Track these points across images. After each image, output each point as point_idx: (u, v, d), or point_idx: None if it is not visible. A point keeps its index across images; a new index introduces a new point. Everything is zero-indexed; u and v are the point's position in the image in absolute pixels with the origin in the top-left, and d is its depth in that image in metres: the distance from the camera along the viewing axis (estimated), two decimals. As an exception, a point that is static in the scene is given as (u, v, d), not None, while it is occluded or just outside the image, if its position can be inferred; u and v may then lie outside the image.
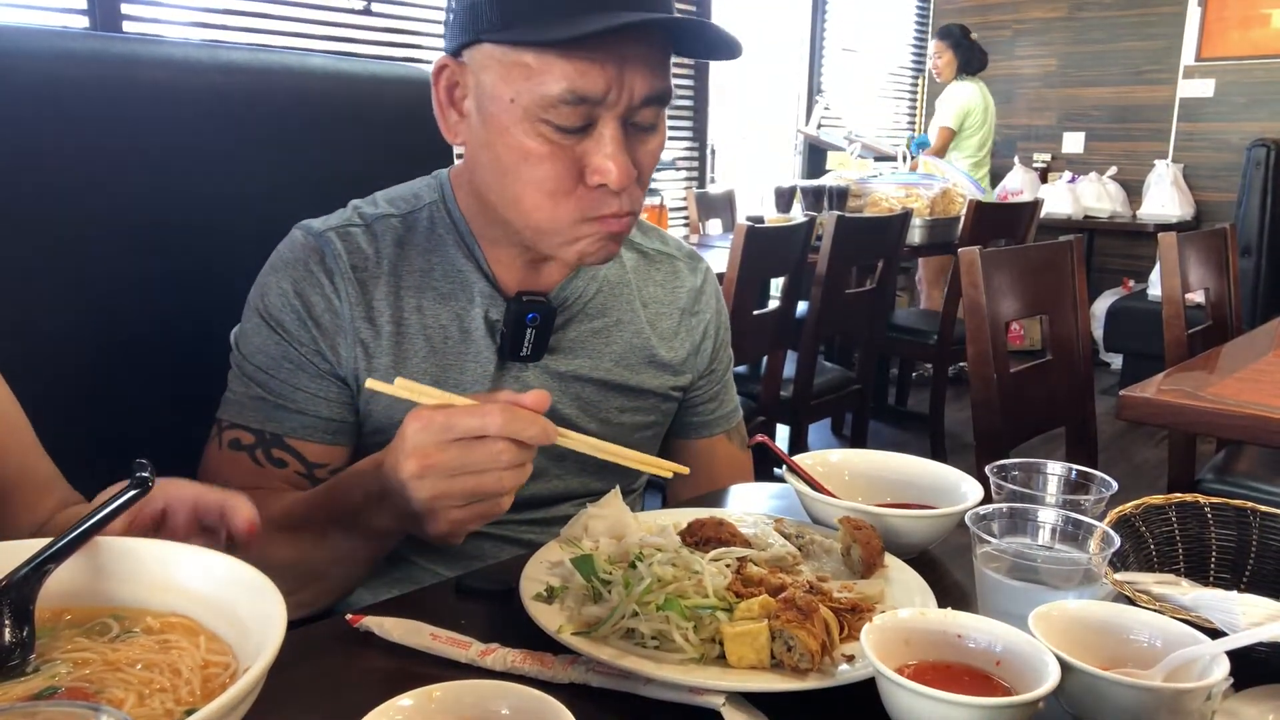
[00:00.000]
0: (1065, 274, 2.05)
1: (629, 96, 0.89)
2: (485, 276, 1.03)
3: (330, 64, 1.31)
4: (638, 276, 1.14)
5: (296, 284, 0.99)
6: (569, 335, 1.07)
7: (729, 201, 4.73)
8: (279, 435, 0.99)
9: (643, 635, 0.71)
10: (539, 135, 0.90)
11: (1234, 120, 5.54)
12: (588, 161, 0.91)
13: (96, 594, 0.65)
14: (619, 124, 0.90)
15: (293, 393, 0.99)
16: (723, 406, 1.22)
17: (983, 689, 0.63)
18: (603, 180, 0.90)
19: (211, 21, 3.26)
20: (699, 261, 1.21)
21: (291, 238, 1.03)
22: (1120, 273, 5.82)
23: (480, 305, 1.03)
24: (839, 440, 4.16)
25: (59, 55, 1.06)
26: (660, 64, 0.91)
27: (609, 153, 0.89)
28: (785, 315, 2.94)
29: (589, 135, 0.90)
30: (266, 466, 0.99)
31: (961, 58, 5.24)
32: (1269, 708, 0.65)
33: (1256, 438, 1.51)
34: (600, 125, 0.90)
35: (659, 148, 0.97)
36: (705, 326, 1.18)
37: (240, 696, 0.50)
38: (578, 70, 0.86)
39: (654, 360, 1.12)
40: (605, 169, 0.90)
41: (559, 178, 0.91)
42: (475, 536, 1.06)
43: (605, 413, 1.09)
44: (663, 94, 0.92)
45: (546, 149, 0.90)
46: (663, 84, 0.91)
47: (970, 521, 0.79)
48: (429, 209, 1.05)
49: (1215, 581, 0.89)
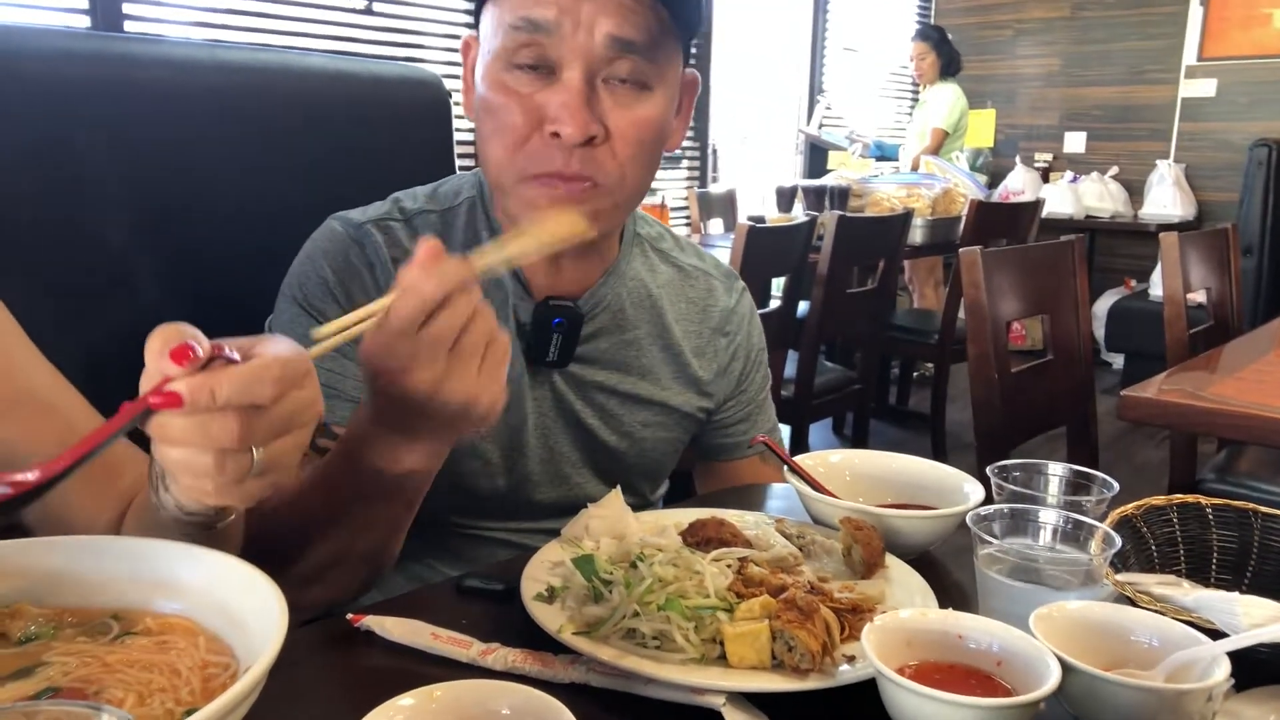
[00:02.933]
0: (1066, 274, 2.05)
1: (587, 34, 0.84)
2: (516, 277, 1.01)
3: (331, 64, 1.31)
4: (671, 291, 1.11)
5: (338, 273, 0.97)
6: (598, 345, 1.05)
7: (730, 201, 4.73)
8: (324, 423, 0.94)
9: (643, 635, 0.71)
10: (501, 84, 0.87)
11: (1236, 120, 5.53)
12: (546, 111, 0.86)
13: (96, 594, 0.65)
14: (584, 72, 0.85)
15: (336, 379, 0.96)
16: (755, 428, 1.18)
17: (984, 690, 0.62)
18: (555, 129, 0.85)
19: (212, 21, 3.26)
20: (735, 281, 1.18)
21: (329, 228, 1.00)
22: (1122, 272, 5.81)
23: (511, 305, 1.00)
24: (840, 440, 4.16)
25: (59, 55, 1.06)
26: (633, 6, 0.85)
27: (564, 100, 0.85)
28: (786, 315, 2.94)
29: (553, 83, 0.86)
30: (309, 454, 0.95)
31: (944, 59, 5.26)
32: (1270, 709, 0.65)
33: (1258, 438, 1.51)
34: (564, 71, 0.86)
35: (647, 120, 0.90)
36: (735, 349, 1.15)
37: (240, 697, 0.49)
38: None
39: (681, 377, 1.10)
40: (559, 117, 0.85)
41: (516, 127, 0.87)
42: (485, 542, 1.06)
43: (628, 425, 1.08)
44: (636, 41, 0.86)
45: (505, 97, 0.87)
46: (636, 29, 0.85)
47: (971, 522, 0.78)
48: (468, 204, 1.04)
49: (1217, 582, 0.89)
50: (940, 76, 5.31)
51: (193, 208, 1.15)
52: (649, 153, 0.92)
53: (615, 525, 0.87)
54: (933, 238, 3.87)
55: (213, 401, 0.56)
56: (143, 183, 1.11)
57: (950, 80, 5.31)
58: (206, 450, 0.57)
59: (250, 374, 0.57)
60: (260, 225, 1.11)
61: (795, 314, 3.00)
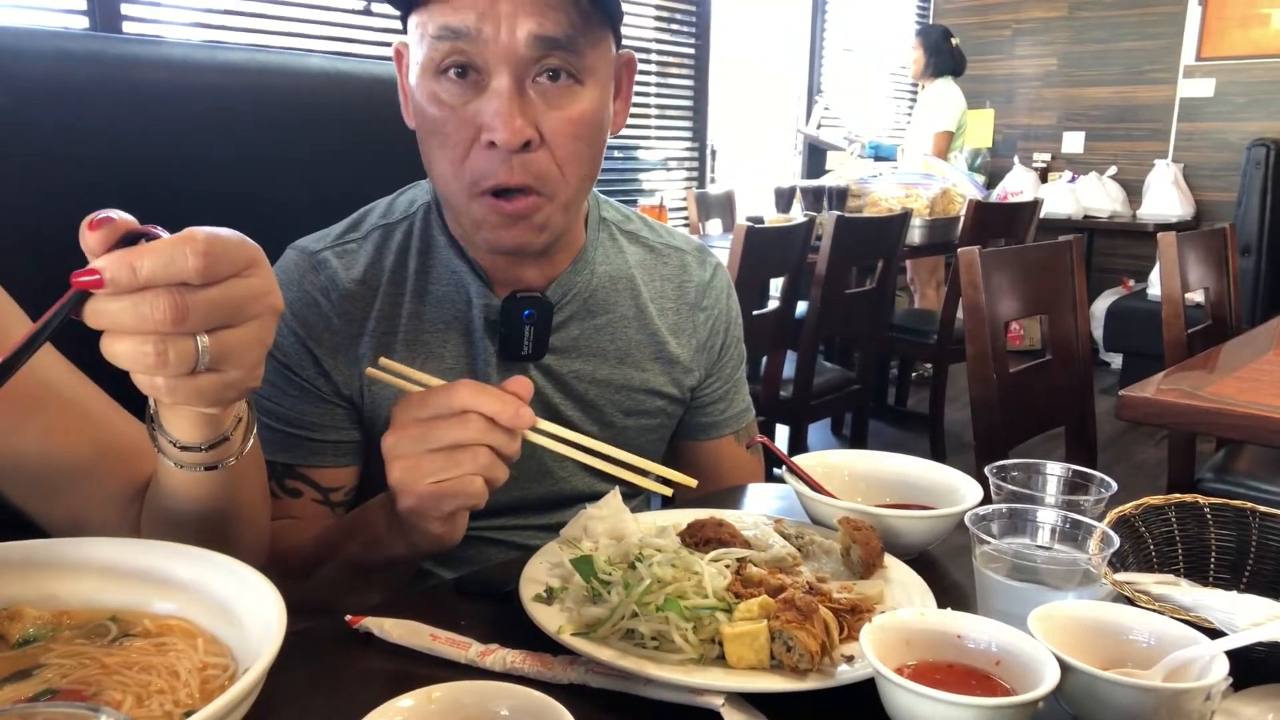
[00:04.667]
0: (1065, 274, 2.05)
1: (510, 35, 0.83)
2: (479, 276, 1.01)
3: (329, 64, 1.31)
4: (643, 271, 1.12)
5: (292, 306, 0.98)
6: (570, 333, 1.05)
7: (729, 202, 4.72)
8: (290, 465, 0.98)
9: (642, 636, 0.71)
10: (434, 96, 0.87)
11: (1234, 120, 5.54)
12: (481, 120, 0.86)
13: (96, 596, 0.65)
14: (512, 76, 0.85)
15: (299, 419, 0.98)
16: (732, 407, 1.19)
17: (982, 689, 0.62)
18: (490, 137, 0.85)
19: (211, 22, 3.26)
20: (708, 256, 1.18)
21: (285, 259, 1.01)
22: (1120, 272, 5.82)
23: (478, 305, 1.01)
24: (839, 440, 4.17)
25: (59, 55, 1.06)
26: (548, 3, 0.84)
27: (495, 107, 0.85)
28: (785, 315, 2.94)
29: (483, 91, 0.86)
30: (283, 497, 0.98)
31: (935, 59, 5.26)
32: (1268, 707, 0.65)
33: (1256, 437, 1.51)
34: (493, 79, 0.85)
35: (580, 118, 0.89)
36: (714, 322, 1.15)
37: (239, 698, 0.49)
38: (452, 6, 0.84)
39: (660, 357, 1.10)
40: (491, 124, 0.85)
41: (455, 141, 0.87)
42: (479, 541, 1.06)
43: (609, 416, 1.08)
44: (559, 38, 0.84)
45: (440, 110, 0.87)
46: (557, 25, 0.84)
47: (970, 522, 0.79)
48: (423, 210, 1.04)
49: (1215, 582, 0.89)
50: (935, 75, 5.31)
51: (191, 208, 1.14)
52: (589, 148, 0.92)
53: (614, 526, 0.86)
54: (931, 238, 3.87)
55: (133, 276, 0.55)
56: (142, 183, 1.11)
57: (950, 80, 5.31)
58: (146, 338, 0.57)
59: (170, 245, 0.56)
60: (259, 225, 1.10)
61: (794, 314, 3.00)
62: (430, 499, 0.77)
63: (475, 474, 0.76)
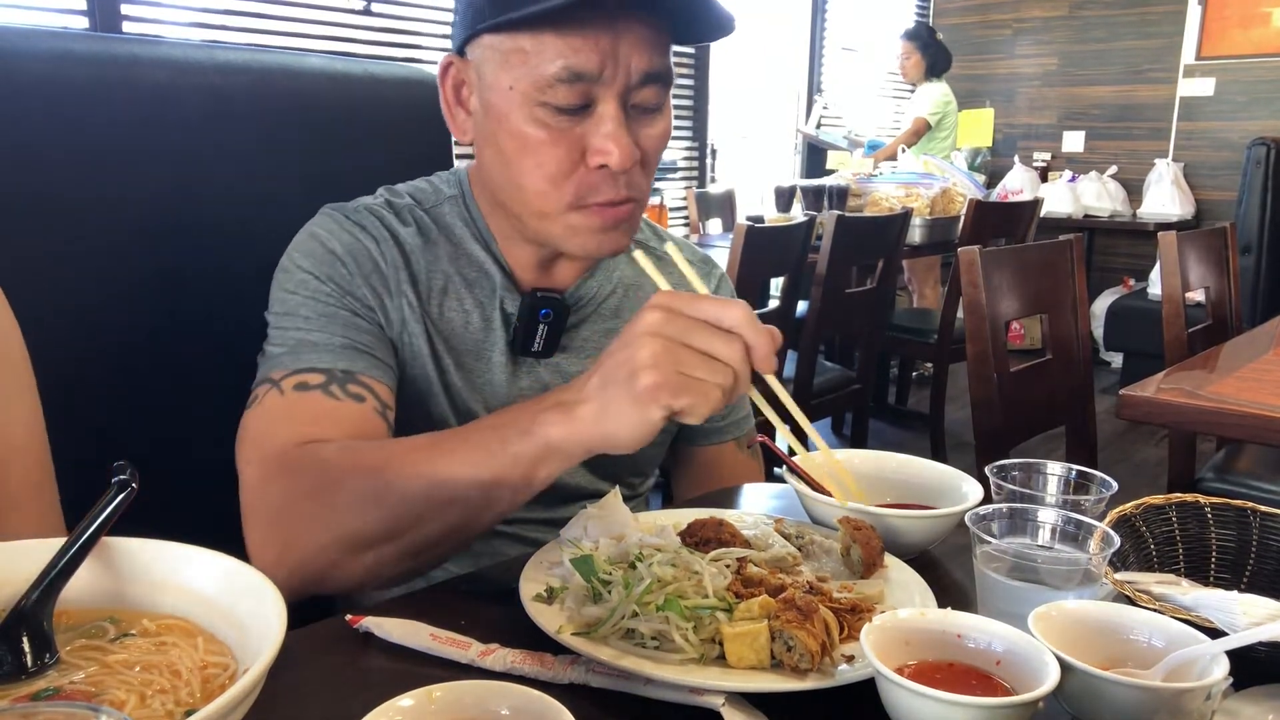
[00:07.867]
0: (1065, 273, 2.05)
1: (626, 73, 0.88)
2: (503, 271, 1.04)
3: (329, 64, 1.31)
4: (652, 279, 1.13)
5: (346, 246, 0.99)
6: (581, 334, 1.07)
7: (729, 201, 4.73)
8: (351, 371, 0.94)
9: (642, 635, 0.71)
10: (537, 120, 0.89)
11: (1234, 119, 5.54)
12: (588, 143, 0.90)
13: (95, 595, 0.65)
14: (619, 103, 0.89)
15: (355, 339, 0.96)
16: (733, 413, 1.21)
17: (983, 689, 0.62)
18: (603, 161, 0.90)
19: (211, 22, 3.26)
20: (713, 267, 1.21)
21: (325, 215, 1.02)
22: (1120, 271, 5.82)
23: (499, 297, 1.04)
24: (839, 440, 4.16)
25: (59, 55, 1.06)
26: (656, 41, 0.90)
27: (608, 131, 0.89)
28: (785, 315, 2.94)
29: (589, 117, 0.90)
30: (344, 400, 0.92)
31: (929, 59, 5.27)
32: (1269, 707, 0.65)
33: (1257, 437, 1.51)
34: (599, 105, 0.89)
35: (664, 133, 0.96)
36: None
37: (240, 697, 0.49)
38: (572, 47, 0.86)
39: None
40: (606, 149, 0.89)
41: (559, 161, 0.91)
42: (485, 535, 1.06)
43: None
44: (662, 72, 0.91)
45: (546, 133, 0.90)
46: (661, 61, 0.91)
47: (970, 521, 0.79)
48: (449, 204, 1.06)
49: (1215, 581, 0.89)
50: (925, 76, 5.32)
51: (190, 208, 1.15)
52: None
53: (614, 526, 0.86)
54: (931, 237, 3.87)
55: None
56: (141, 184, 1.11)
57: (937, 80, 5.32)
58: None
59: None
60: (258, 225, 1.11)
61: (794, 314, 3.00)
62: (676, 384, 0.74)
63: (719, 386, 0.75)
